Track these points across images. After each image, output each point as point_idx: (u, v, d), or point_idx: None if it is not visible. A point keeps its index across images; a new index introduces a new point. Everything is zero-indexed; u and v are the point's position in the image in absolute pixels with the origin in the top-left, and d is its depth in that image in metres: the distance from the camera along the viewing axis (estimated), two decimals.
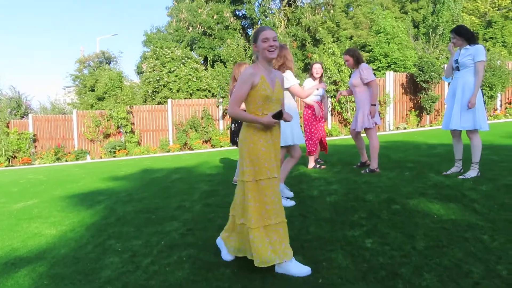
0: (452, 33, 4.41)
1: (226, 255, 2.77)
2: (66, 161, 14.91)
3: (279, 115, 2.53)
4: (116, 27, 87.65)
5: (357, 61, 5.16)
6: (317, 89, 5.59)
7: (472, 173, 4.34)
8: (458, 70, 4.37)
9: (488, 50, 18.14)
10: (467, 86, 4.25)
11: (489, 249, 2.50)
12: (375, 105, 5.14)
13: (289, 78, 4.16)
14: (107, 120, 15.41)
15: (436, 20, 17.50)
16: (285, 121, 2.62)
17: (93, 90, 19.74)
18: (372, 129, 5.19)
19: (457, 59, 4.37)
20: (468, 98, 4.21)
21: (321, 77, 5.94)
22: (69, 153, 15.45)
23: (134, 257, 2.98)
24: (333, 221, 3.35)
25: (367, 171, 5.19)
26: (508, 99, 13.69)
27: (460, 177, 4.35)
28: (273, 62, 2.78)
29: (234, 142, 5.19)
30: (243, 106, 2.72)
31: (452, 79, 4.52)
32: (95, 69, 22.09)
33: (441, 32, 17.05)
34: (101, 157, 15.07)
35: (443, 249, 2.57)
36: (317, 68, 5.77)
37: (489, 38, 26.63)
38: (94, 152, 15.55)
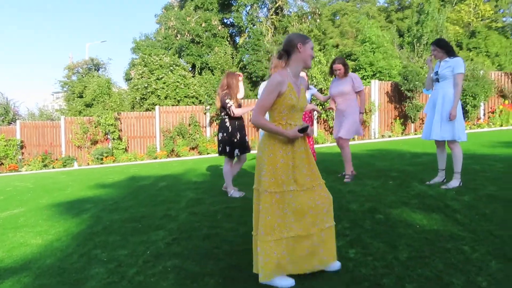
0: (432, 45, 4.53)
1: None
2: (53, 167, 14.72)
3: (304, 129, 2.48)
4: (106, 34, 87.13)
5: (347, 70, 5.31)
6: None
7: (454, 183, 4.43)
8: (438, 81, 4.49)
9: (471, 60, 18.56)
10: (447, 97, 4.37)
11: (470, 260, 2.56)
12: (362, 113, 5.33)
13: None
14: (95, 127, 15.29)
15: (420, 30, 17.87)
16: (308, 136, 2.59)
17: (81, 97, 19.58)
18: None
19: (437, 71, 4.50)
20: (448, 109, 4.33)
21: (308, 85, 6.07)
22: (56, 159, 15.26)
23: (120, 267, 2.97)
24: None
25: (349, 180, 5.29)
26: (491, 108, 14.01)
27: (443, 187, 4.43)
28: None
29: (222, 151, 5.15)
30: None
31: (432, 90, 4.63)
32: (83, 75, 21.92)
33: (425, 41, 17.40)
34: (88, 164, 14.92)
35: (425, 260, 2.62)
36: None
37: (473, 48, 27.25)
38: (81, 158, 15.38)
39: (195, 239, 3.47)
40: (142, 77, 17.85)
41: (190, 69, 21.29)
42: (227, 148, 5.04)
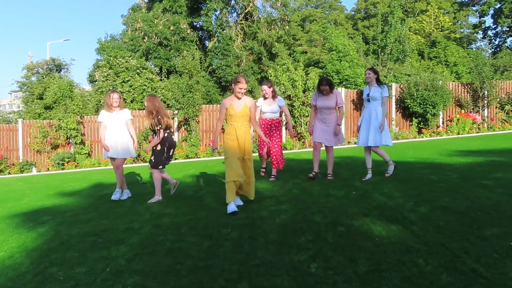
0: (370, 70, 5.95)
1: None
2: (9, 173, 14.06)
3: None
4: (69, 33, 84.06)
5: (332, 89, 6.17)
6: (260, 107, 6.45)
7: (391, 168, 5.95)
8: (369, 101, 5.88)
9: (432, 70, 19.36)
10: (378, 113, 5.81)
11: (423, 273, 2.66)
12: (339, 124, 6.30)
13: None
14: (56, 131, 14.74)
15: (384, 40, 18.46)
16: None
17: (41, 99, 18.82)
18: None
19: (368, 93, 5.89)
20: (379, 122, 5.76)
21: (273, 96, 6.21)
22: (12, 165, 14.58)
23: (76, 287, 2.87)
24: (281, 244, 3.42)
25: (332, 177, 6.20)
26: (449, 117, 14.66)
27: (387, 175, 5.90)
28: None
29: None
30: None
31: (365, 107, 6.01)
32: (44, 76, 21.09)
33: (389, 51, 18.00)
34: (48, 169, 14.36)
35: (382, 274, 2.71)
36: (265, 90, 6.24)
37: (433, 57, 28.44)
38: (40, 164, 14.79)
39: (158, 254, 3.41)
40: (107, 79, 17.41)
41: (158, 72, 20.97)
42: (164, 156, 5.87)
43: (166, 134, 5.82)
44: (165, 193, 6.39)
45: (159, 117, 5.60)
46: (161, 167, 5.82)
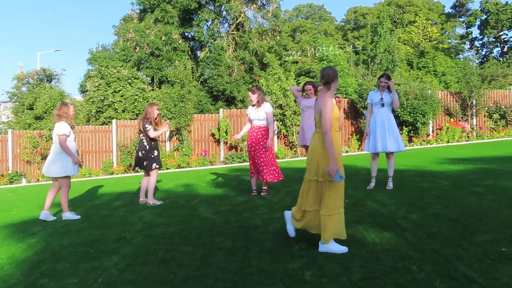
0: (384, 77, 5.84)
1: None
2: None
3: None
4: (60, 43, 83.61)
5: (316, 91, 6.22)
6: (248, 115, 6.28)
7: (391, 184, 5.73)
8: (383, 106, 5.79)
9: (421, 79, 19.63)
10: (391, 119, 5.81)
11: (416, 280, 2.68)
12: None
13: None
14: (46, 141, 14.59)
15: (374, 50, 18.72)
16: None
17: (31, 109, 18.65)
18: None
19: (382, 97, 5.79)
20: (397, 128, 5.81)
21: (258, 102, 6.06)
22: (2, 175, 14.37)
23: None
24: (275, 252, 3.42)
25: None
26: (438, 125, 14.84)
27: (388, 188, 5.68)
28: None
29: (140, 166, 6.23)
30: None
31: (372, 112, 5.92)
32: (34, 86, 20.94)
33: (379, 61, 18.24)
34: (38, 180, 14.17)
35: (376, 281, 2.71)
36: (249, 96, 6.16)
37: (422, 67, 28.87)
38: (30, 174, 14.59)
39: (150, 264, 3.38)
40: (98, 89, 17.32)
41: (150, 82, 20.95)
42: (145, 163, 6.13)
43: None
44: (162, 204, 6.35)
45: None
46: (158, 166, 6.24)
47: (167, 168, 13.84)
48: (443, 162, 8.26)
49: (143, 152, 6.15)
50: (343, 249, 3.31)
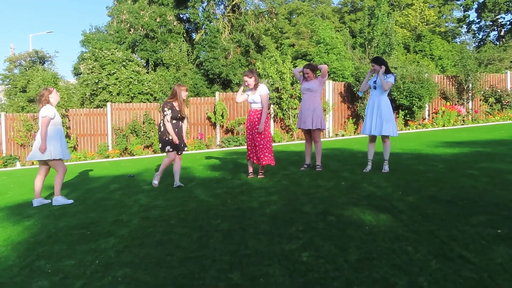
0: (376, 61, 5.82)
1: None
2: None
3: None
4: (52, 24, 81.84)
5: (314, 74, 6.37)
6: (247, 95, 6.19)
7: (387, 168, 5.67)
8: (375, 88, 5.77)
9: (418, 63, 19.55)
10: (382, 101, 5.75)
11: (412, 260, 2.70)
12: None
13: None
14: None
15: (371, 33, 18.56)
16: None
17: (24, 91, 18.43)
18: (322, 130, 6.54)
19: (375, 80, 5.77)
20: (386, 112, 5.74)
21: (255, 85, 5.96)
22: None
23: (65, 279, 2.83)
24: (272, 234, 3.43)
25: (320, 168, 6.23)
26: (434, 109, 14.86)
27: (383, 171, 5.63)
28: None
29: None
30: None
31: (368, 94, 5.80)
32: (27, 68, 20.63)
33: (376, 44, 18.10)
34: (32, 163, 14.08)
35: (372, 262, 2.73)
36: (247, 82, 5.96)
37: (419, 50, 28.71)
38: (25, 157, 14.49)
39: (147, 246, 3.38)
40: (93, 72, 17.12)
41: (144, 65, 20.71)
42: (160, 145, 6.10)
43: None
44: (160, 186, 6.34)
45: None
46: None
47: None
48: (439, 145, 8.29)
49: (159, 133, 6.09)
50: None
